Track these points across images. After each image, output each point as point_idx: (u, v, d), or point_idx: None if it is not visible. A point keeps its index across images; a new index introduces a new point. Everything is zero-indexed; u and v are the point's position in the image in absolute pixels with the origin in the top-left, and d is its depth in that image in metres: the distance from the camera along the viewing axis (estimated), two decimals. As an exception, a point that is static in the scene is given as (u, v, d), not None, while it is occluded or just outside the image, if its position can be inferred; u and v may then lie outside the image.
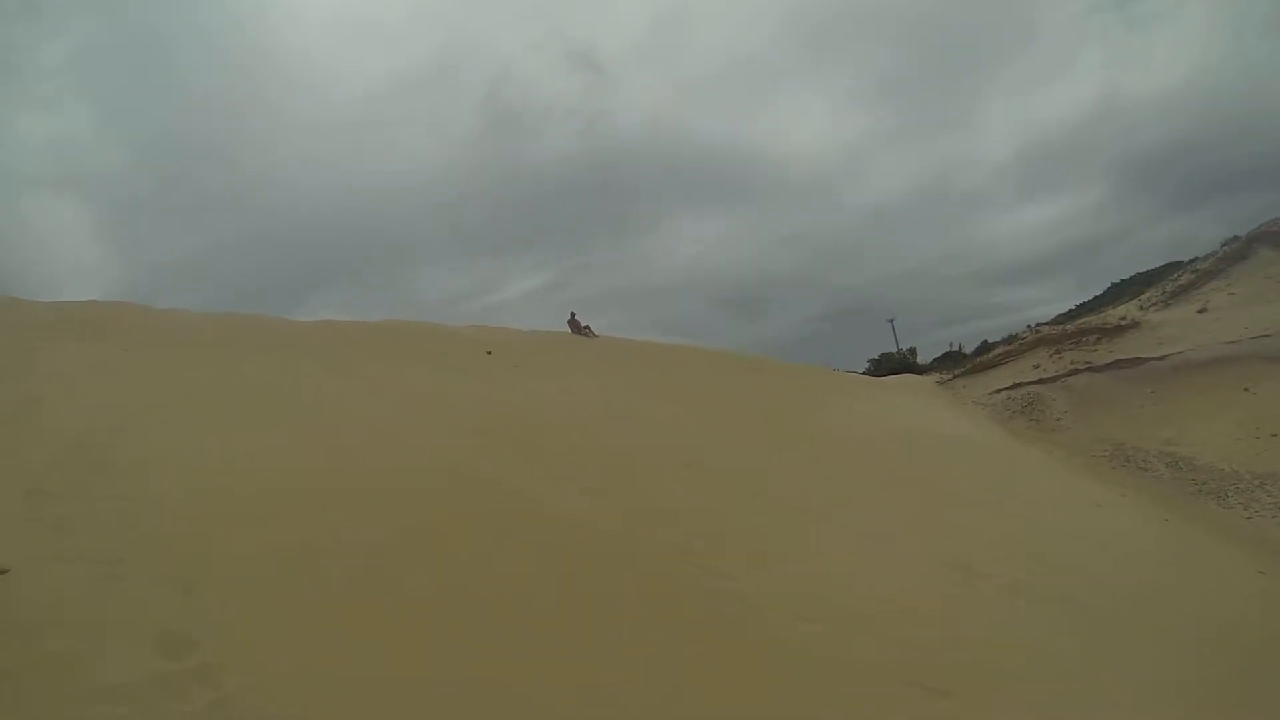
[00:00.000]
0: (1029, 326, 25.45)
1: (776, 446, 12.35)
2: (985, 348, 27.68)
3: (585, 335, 20.18)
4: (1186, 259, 25.70)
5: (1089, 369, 20.41)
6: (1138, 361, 19.57)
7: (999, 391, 21.94)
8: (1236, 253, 23.04)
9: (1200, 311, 21.11)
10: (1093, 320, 23.35)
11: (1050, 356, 22.12)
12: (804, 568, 5.83)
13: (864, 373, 33.75)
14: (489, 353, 15.81)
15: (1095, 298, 30.96)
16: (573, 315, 20.87)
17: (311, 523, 4.54)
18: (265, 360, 11.02)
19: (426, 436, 7.89)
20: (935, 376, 27.14)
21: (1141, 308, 23.41)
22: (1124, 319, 22.11)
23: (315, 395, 9.34)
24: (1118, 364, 19.91)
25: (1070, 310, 30.59)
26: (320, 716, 2.69)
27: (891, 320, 48.32)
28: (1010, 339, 25.49)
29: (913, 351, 37.70)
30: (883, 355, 37.94)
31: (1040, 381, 21.19)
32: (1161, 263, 29.19)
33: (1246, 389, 16.89)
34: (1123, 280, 30.39)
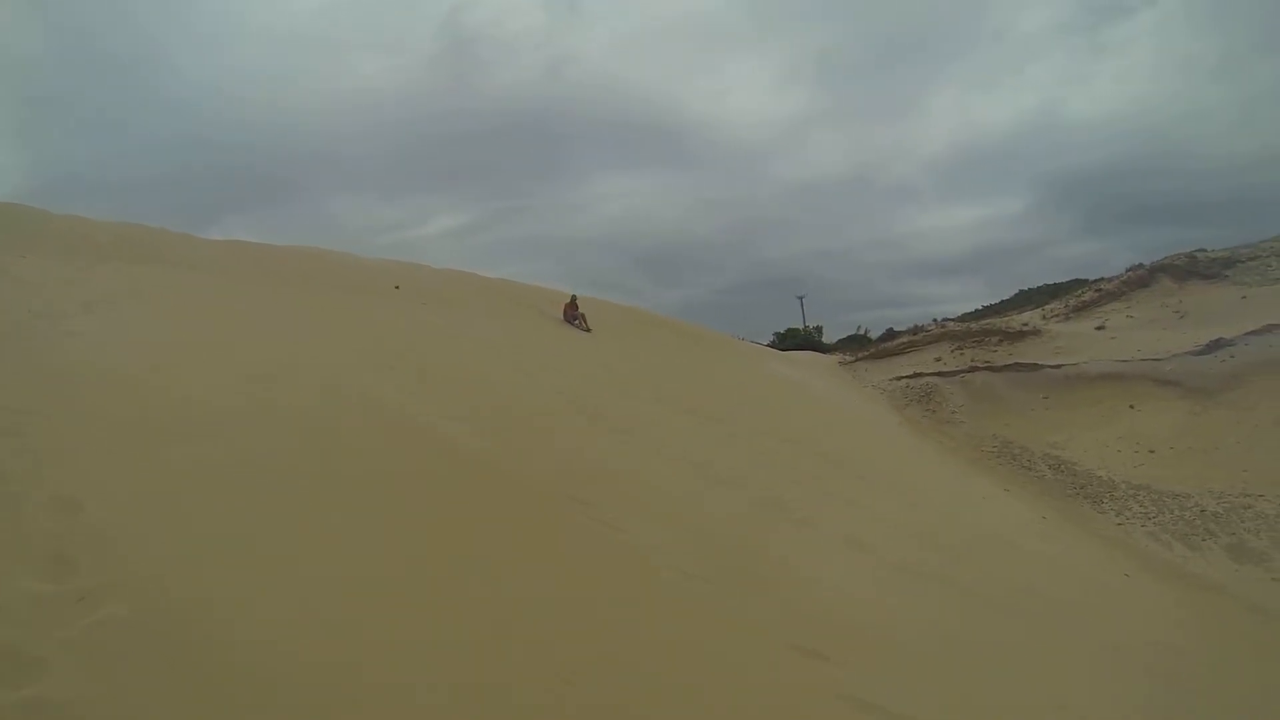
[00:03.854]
0: (935, 320, 27.30)
1: (681, 407, 12.79)
2: (890, 335, 29.32)
3: (577, 326, 18.86)
4: (1093, 278, 28.02)
5: (988, 368, 22.14)
6: (1035, 367, 21.37)
7: (899, 379, 23.45)
8: (1139, 279, 25.44)
9: (1098, 328, 23.28)
10: (997, 322, 25.36)
11: (952, 351, 23.91)
12: (698, 525, 6.11)
13: (768, 345, 34.88)
14: (397, 287, 16.11)
15: (1002, 301, 33.37)
16: (573, 299, 19.68)
17: (208, 442, 4.48)
18: (166, 276, 10.52)
19: (327, 364, 7.77)
20: (838, 357, 28.55)
21: (1044, 317, 25.49)
22: (1026, 325, 24.16)
23: (218, 314, 9.05)
24: (1016, 367, 21.68)
25: (977, 310, 32.83)
26: (205, 632, 2.73)
27: (801, 297, 50.44)
28: (916, 329, 27.18)
29: (819, 330, 39.88)
30: (788, 330, 39.69)
31: (940, 374, 22.77)
32: (1069, 278, 31.76)
33: (1132, 406, 18.87)
34: (1030, 289, 32.93)
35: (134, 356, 6.27)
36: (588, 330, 18.74)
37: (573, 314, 19.23)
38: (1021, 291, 33.11)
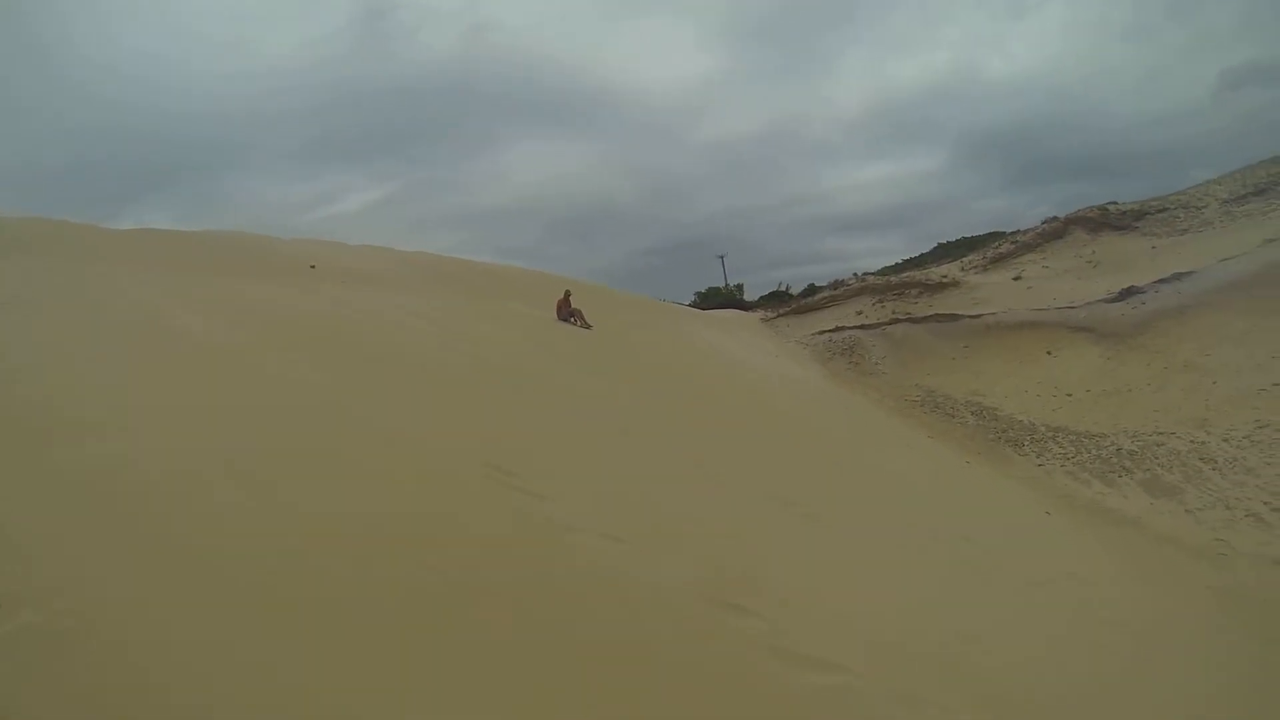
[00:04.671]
0: (855, 275, 27.72)
1: (602, 371, 12.64)
2: (811, 291, 29.84)
3: (573, 324, 17.16)
4: (1010, 231, 28.90)
5: (909, 320, 22.71)
6: (954, 318, 21.99)
7: (821, 333, 23.86)
8: (1054, 231, 26.37)
9: (1015, 279, 24.03)
10: (916, 275, 25.97)
11: (873, 305, 24.42)
12: (619, 489, 6.05)
13: (690, 305, 35.12)
14: (313, 267, 15.49)
15: (921, 255, 34.13)
16: (567, 295, 18.01)
17: (119, 440, 4.13)
18: (70, 268, 9.77)
19: (244, 350, 7.41)
20: (760, 314, 28.94)
21: (963, 269, 26.21)
22: (945, 277, 24.82)
23: (128, 306, 8.49)
24: (936, 318, 22.26)
25: (896, 264, 33.56)
26: (113, 637, 2.56)
27: (722, 256, 51.37)
28: (836, 284, 27.62)
29: (740, 288, 40.34)
30: (709, 289, 40.15)
31: (862, 327, 23.24)
32: (987, 231, 32.71)
33: (1049, 352, 19.52)
34: (949, 242, 33.81)
35: (34, 355, 5.78)
36: (587, 327, 17.16)
37: (568, 311, 17.56)
38: (940, 245, 34.11)
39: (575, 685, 2.88)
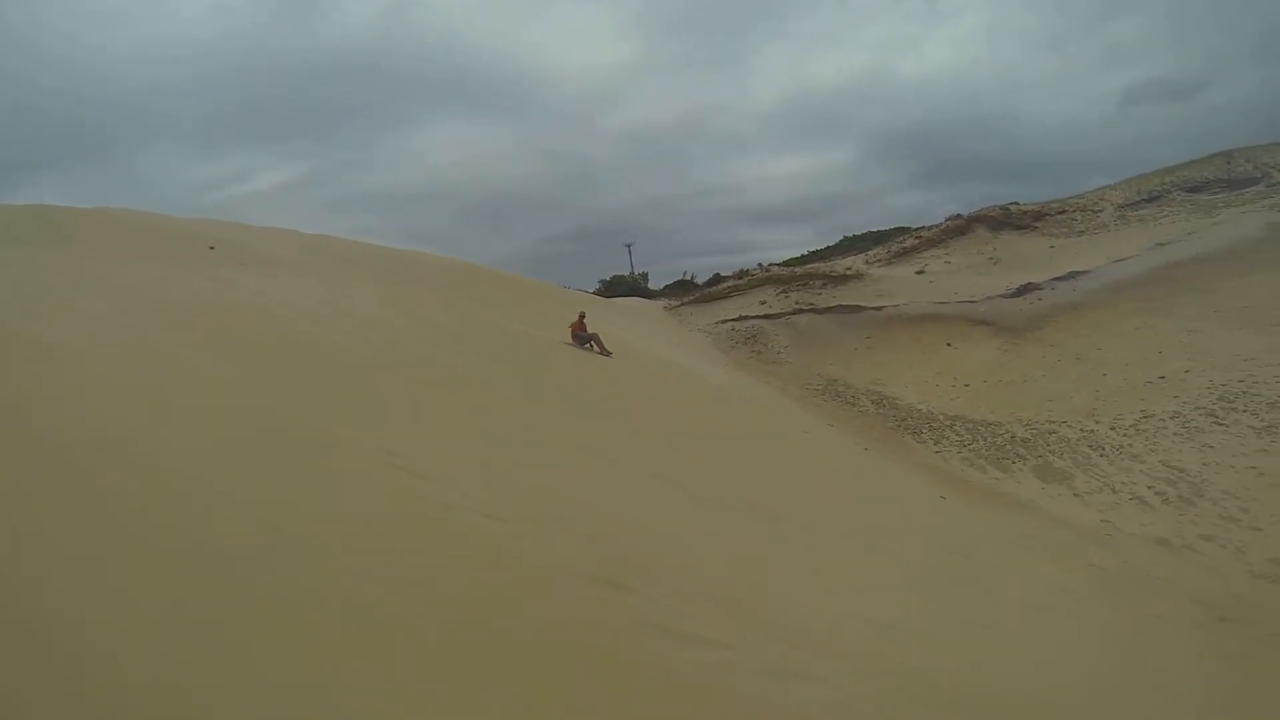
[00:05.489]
0: (760, 265, 27.98)
1: (498, 356, 12.38)
2: (716, 280, 29.93)
3: (590, 349, 16.27)
4: (915, 227, 29.62)
5: (812, 310, 23.07)
6: (858, 309, 22.42)
7: (724, 322, 23.98)
8: (957, 228, 27.26)
9: (919, 273, 24.70)
10: (821, 267, 26.50)
11: (777, 295, 24.71)
12: (505, 470, 6.03)
13: (594, 292, 35.06)
14: (211, 248, 14.82)
15: (827, 247, 34.60)
16: (581, 317, 17.18)
17: None
18: None
19: (136, 333, 6.96)
20: (664, 302, 29.01)
21: (867, 262, 26.81)
22: (850, 269, 25.35)
23: (14, 286, 7.93)
24: (840, 308, 22.67)
25: (803, 255, 33.85)
26: None
27: (629, 245, 51.57)
28: (741, 274, 27.85)
29: (644, 276, 40.60)
30: (614, 277, 40.29)
31: (765, 317, 23.45)
32: (893, 226, 33.42)
33: (949, 344, 20.05)
34: (855, 235, 34.47)
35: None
36: (607, 354, 16.28)
37: (583, 334, 16.65)
38: (846, 238, 34.70)
39: (450, 662, 2.82)
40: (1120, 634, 7.76)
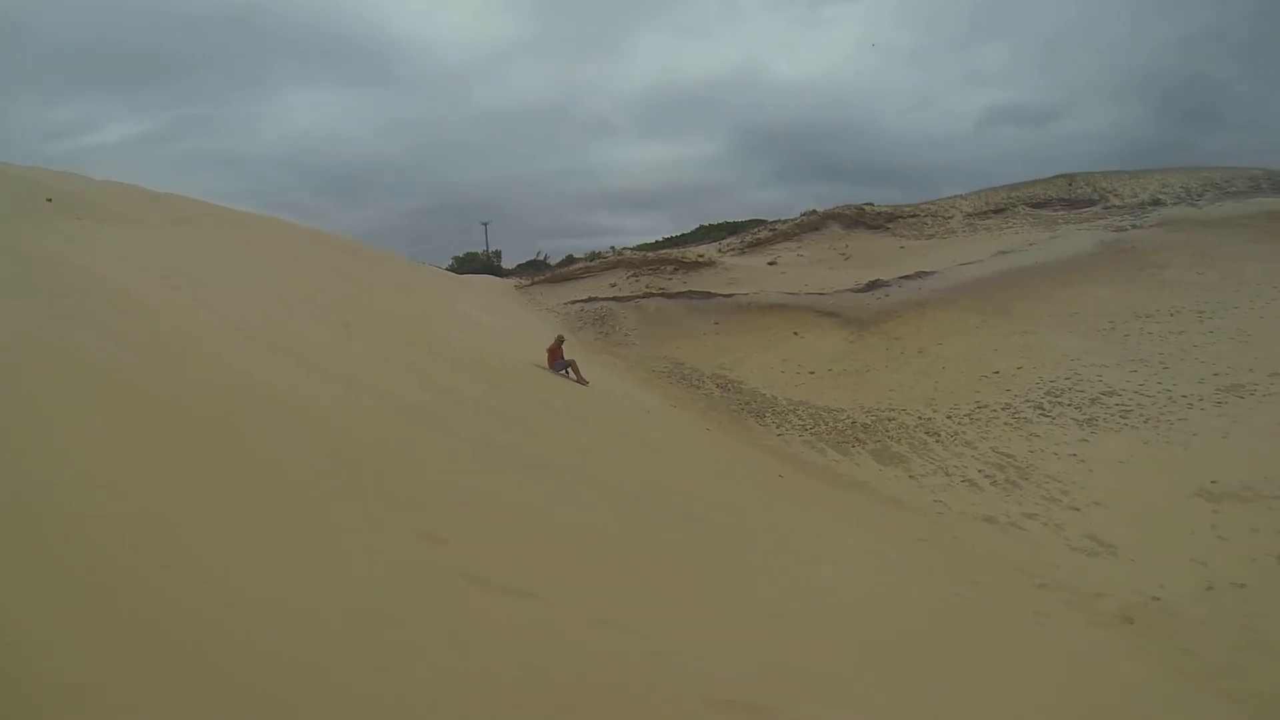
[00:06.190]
0: (613, 248, 27.84)
1: (337, 322, 11.84)
2: (568, 261, 29.81)
3: (565, 375, 15.53)
4: (771, 219, 30.18)
5: (662, 294, 23.23)
6: (707, 295, 22.65)
7: (574, 303, 23.80)
8: (811, 223, 28.00)
9: (770, 263, 25.15)
10: (674, 253, 26.66)
11: (628, 278, 24.70)
12: (334, 426, 6.12)
13: (446, 268, 34.82)
14: (49, 200, 13.46)
15: (682, 235, 34.78)
16: (559, 342, 16.25)
17: None
18: None
19: None
20: (515, 281, 28.70)
21: (720, 251, 27.10)
22: (702, 257, 25.62)
23: None
24: (689, 294, 22.86)
25: (656, 242, 33.97)
26: None
27: (485, 223, 51.34)
28: (593, 256, 27.76)
29: (498, 254, 40.77)
30: (467, 254, 40.30)
31: (615, 299, 23.38)
32: (749, 218, 33.97)
33: (796, 333, 20.41)
34: (711, 225, 34.72)
35: None
36: (584, 382, 15.52)
37: (559, 360, 15.91)
38: (702, 226, 34.86)
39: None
40: (938, 595, 8.03)
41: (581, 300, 23.63)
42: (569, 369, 15.69)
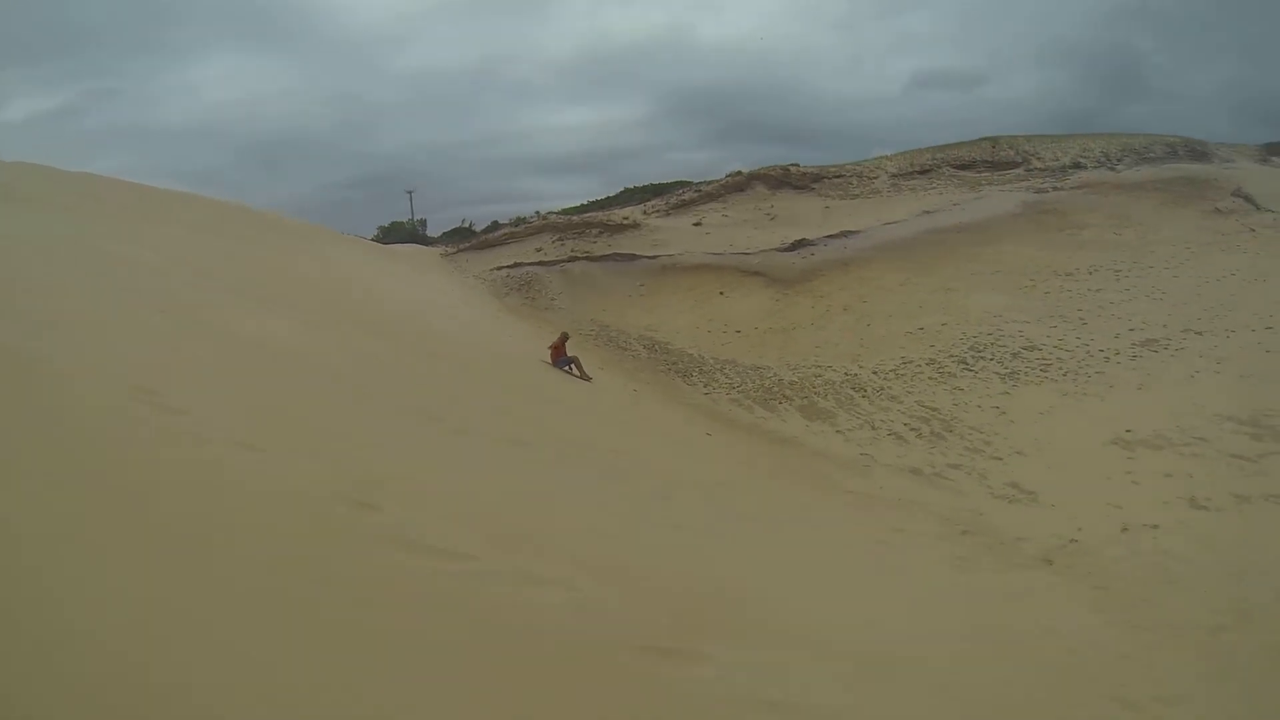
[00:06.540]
0: (538, 213, 27.61)
1: (259, 296, 11.51)
2: (493, 227, 29.58)
3: (568, 372, 15.26)
4: (697, 181, 30.13)
5: (587, 258, 23.15)
6: (633, 258, 22.63)
7: (500, 269, 23.59)
8: (737, 184, 28.05)
9: (696, 224, 25.15)
10: (599, 216, 26.55)
11: (553, 242, 24.58)
12: (261, 403, 6.00)
13: (372, 239, 34.74)
14: None
15: (608, 198, 34.52)
16: (563, 338, 16.05)
17: None
18: None
19: None
20: (441, 249, 28.49)
21: (645, 213, 27.00)
22: (627, 219, 25.56)
23: None
24: (614, 257, 22.85)
25: (581, 205, 33.68)
26: None
27: (410, 191, 50.54)
28: (518, 222, 27.57)
29: (423, 223, 41.49)
30: (393, 224, 40.73)
31: (540, 264, 23.21)
32: (675, 180, 33.88)
33: (721, 293, 20.53)
34: (636, 187, 34.56)
35: None
36: (586, 379, 15.29)
37: (563, 357, 15.66)
38: (627, 189, 34.69)
39: (205, 580, 2.80)
40: (863, 544, 8.27)
41: (507, 266, 23.39)
42: (572, 365, 15.63)
